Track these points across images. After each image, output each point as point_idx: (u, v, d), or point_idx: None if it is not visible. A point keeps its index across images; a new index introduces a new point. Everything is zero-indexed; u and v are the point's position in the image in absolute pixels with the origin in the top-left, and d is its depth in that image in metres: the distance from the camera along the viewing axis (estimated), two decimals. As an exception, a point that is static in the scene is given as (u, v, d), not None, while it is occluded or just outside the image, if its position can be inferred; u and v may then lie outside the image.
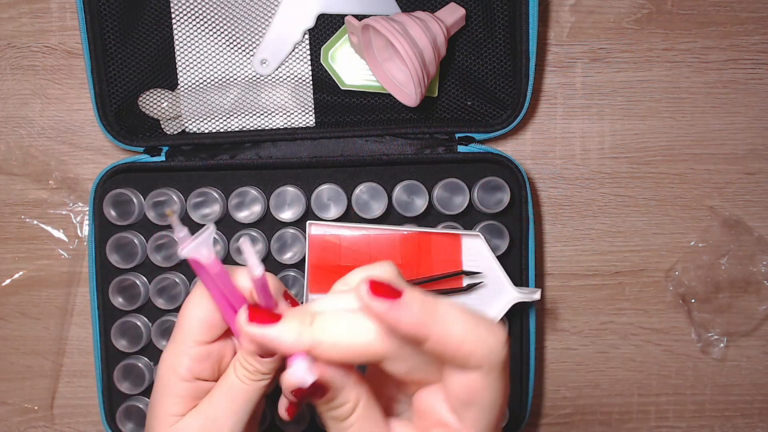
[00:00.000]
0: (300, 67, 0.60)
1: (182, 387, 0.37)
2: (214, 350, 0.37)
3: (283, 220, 0.59)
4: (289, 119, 0.60)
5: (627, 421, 0.66)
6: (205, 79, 0.60)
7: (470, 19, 0.59)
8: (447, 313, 0.30)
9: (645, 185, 0.64)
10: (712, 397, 0.66)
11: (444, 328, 0.30)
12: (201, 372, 0.37)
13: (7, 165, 0.63)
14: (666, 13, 0.63)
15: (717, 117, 0.64)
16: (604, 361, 0.66)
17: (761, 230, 0.65)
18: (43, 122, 0.64)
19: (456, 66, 0.60)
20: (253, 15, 0.59)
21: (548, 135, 0.64)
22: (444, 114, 0.61)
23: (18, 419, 0.66)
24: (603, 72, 0.64)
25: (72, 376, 0.65)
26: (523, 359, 0.60)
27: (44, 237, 0.64)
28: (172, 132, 0.61)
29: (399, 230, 0.56)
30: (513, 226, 0.59)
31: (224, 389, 0.37)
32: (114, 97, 0.59)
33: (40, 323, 0.65)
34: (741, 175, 0.65)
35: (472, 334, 0.30)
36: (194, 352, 0.37)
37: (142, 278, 0.60)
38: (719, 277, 0.64)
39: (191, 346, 0.37)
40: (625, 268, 0.65)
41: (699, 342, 0.66)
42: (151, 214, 0.58)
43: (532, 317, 0.60)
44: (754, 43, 0.64)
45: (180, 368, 0.37)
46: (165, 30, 0.59)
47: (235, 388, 0.36)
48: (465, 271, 0.56)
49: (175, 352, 0.37)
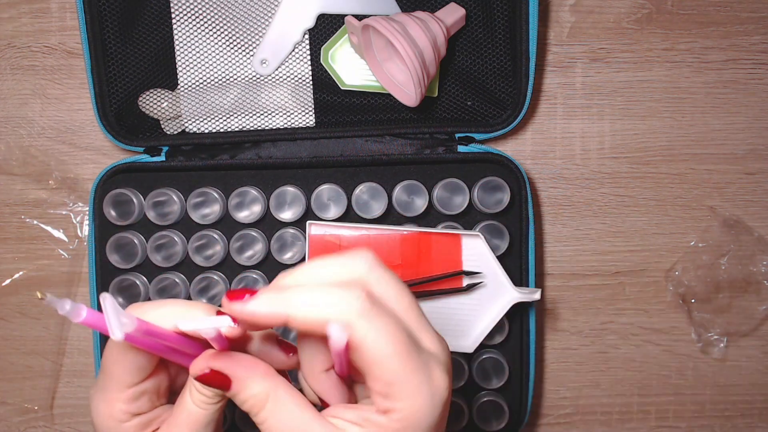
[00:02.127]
0: (300, 67, 0.60)
1: (125, 427, 0.35)
2: (148, 386, 0.36)
3: (283, 220, 0.59)
4: (289, 119, 0.60)
5: (627, 421, 0.66)
6: (205, 79, 0.60)
7: (470, 19, 0.59)
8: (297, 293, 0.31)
9: (645, 185, 0.65)
10: (712, 397, 0.66)
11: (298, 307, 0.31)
12: (139, 408, 0.36)
13: (7, 165, 0.63)
14: (666, 13, 0.63)
15: (717, 117, 0.64)
16: (604, 361, 0.66)
17: (761, 230, 0.65)
18: (43, 122, 0.64)
19: (456, 66, 0.60)
20: (253, 15, 0.59)
21: (548, 135, 0.64)
22: (444, 114, 0.61)
23: (18, 419, 0.66)
24: (603, 72, 0.64)
25: (72, 376, 0.65)
26: (523, 359, 0.60)
27: (44, 237, 0.64)
28: (172, 132, 0.61)
29: (399, 230, 0.56)
30: (513, 226, 0.59)
31: (183, 417, 0.35)
32: (114, 97, 0.59)
33: (40, 323, 0.65)
34: (741, 175, 0.65)
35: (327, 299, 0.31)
36: (126, 396, 0.35)
37: (142, 278, 0.59)
38: (719, 277, 0.64)
39: (122, 391, 0.35)
40: (625, 268, 0.65)
41: (699, 342, 0.66)
42: (151, 214, 0.58)
43: (532, 317, 0.60)
44: (754, 43, 0.64)
45: (116, 413, 0.35)
46: (165, 30, 0.59)
47: (193, 414, 0.35)
48: (465, 271, 0.56)
49: (107, 399, 0.35)
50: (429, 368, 0.31)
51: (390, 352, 0.30)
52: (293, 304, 0.31)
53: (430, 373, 0.31)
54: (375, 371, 0.30)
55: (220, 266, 0.60)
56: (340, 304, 0.30)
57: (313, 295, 0.31)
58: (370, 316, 0.30)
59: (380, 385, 0.31)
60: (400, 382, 0.30)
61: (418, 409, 0.31)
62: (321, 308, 0.30)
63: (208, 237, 0.59)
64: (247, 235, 0.59)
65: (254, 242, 0.59)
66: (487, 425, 0.59)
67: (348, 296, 0.30)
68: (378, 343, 0.30)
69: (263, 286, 0.36)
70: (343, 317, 0.30)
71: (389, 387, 0.30)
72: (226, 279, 0.60)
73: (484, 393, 0.60)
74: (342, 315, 0.30)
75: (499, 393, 0.60)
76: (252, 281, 0.59)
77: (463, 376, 0.59)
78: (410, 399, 0.31)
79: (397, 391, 0.30)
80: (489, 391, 0.60)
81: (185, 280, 0.60)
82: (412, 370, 0.31)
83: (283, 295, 0.31)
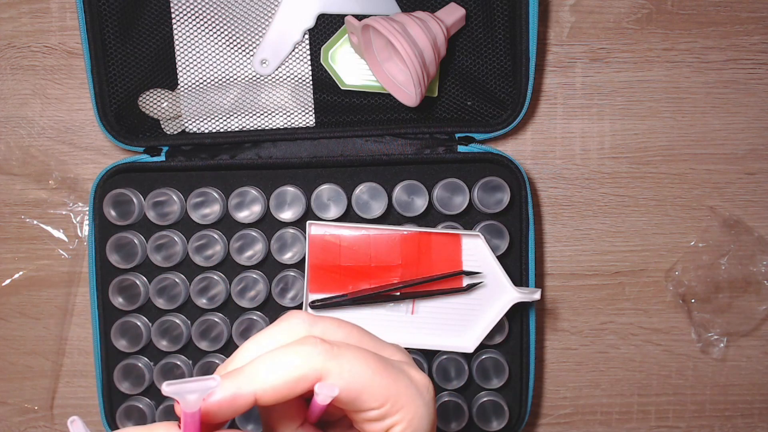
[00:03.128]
0: (300, 67, 0.60)
1: None
2: None
3: (283, 220, 0.59)
4: (289, 119, 0.60)
5: (627, 421, 0.66)
6: (205, 79, 0.60)
7: (470, 19, 0.59)
8: (256, 365, 0.30)
9: (645, 185, 0.64)
10: (712, 397, 0.66)
11: (264, 377, 0.30)
12: None
13: (7, 165, 0.63)
14: (666, 13, 0.63)
15: (717, 117, 0.64)
16: (604, 361, 0.66)
17: (761, 230, 0.65)
18: (43, 122, 0.64)
19: (456, 66, 0.60)
20: (253, 15, 0.59)
21: (548, 135, 0.64)
22: (444, 114, 0.61)
23: (18, 419, 0.66)
24: (603, 72, 0.64)
25: (72, 376, 0.65)
26: (523, 359, 0.60)
27: (44, 237, 0.64)
28: (172, 132, 0.61)
29: (399, 230, 0.56)
30: (513, 226, 0.59)
31: None
32: (114, 97, 0.59)
33: (40, 323, 0.65)
34: (741, 175, 0.65)
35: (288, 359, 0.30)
36: None
37: (142, 278, 0.59)
38: (719, 277, 0.64)
39: None
40: (625, 268, 0.65)
41: (699, 342, 0.66)
42: (151, 214, 0.58)
43: (532, 317, 0.60)
44: (754, 43, 0.64)
45: None
46: (165, 30, 0.59)
47: None
48: (465, 271, 0.56)
49: None
50: (406, 372, 0.32)
51: (371, 374, 0.31)
52: (258, 376, 0.30)
53: (410, 375, 0.32)
54: (365, 398, 0.31)
55: (220, 266, 0.60)
56: (303, 357, 0.30)
57: (274, 360, 0.30)
58: (337, 355, 0.30)
59: (374, 411, 0.31)
60: (391, 396, 0.31)
61: (416, 412, 0.31)
62: (288, 369, 0.30)
63: (208, 237, 0.59)
64: (247, 235, 0.59)
65: (254, 242, 0.59)
66: (487, 425, 0.59)
67: (307, 348, 0.30)
68: (356, 373, 0.30)
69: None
70: (313, 366, 0.30)
71: (383, 405, 0.31)
72: (226, 279, 0.60)
73: (484, 393, 0.60)
74: (311, 365, 0.30)
75: (499, 393, 0.60)
76: (252, 281, 0.59)
77: (463, 376, 0.59)
78: (406, 406, 0.31)
79: (392, 404, 0.31)
80: (489, 391, 0.60)
81: (185, 280, 0.60)
82: (395, 380, 0.31)
83: (244, 373, 0.30)
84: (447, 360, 0.59)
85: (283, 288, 0.60)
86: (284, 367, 0.30)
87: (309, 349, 0.30)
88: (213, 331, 0.60)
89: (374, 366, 0.31)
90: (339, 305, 0.56)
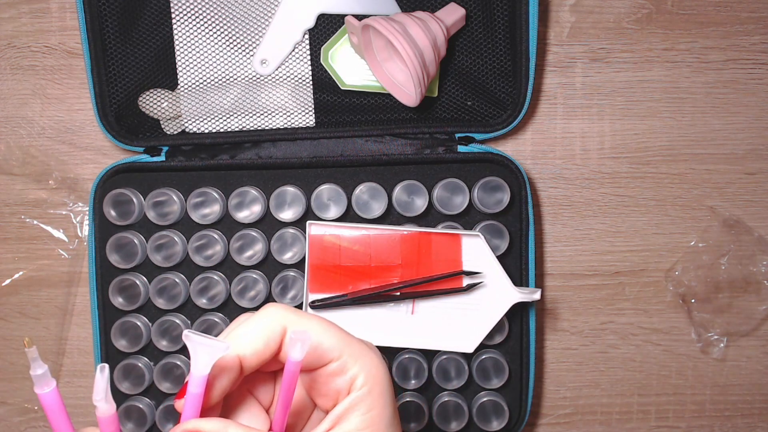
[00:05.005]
0: (300, 67, 0.60)
1: None
2: None
3: (283, 220, 0.59)
4: (289, 119, 0.60)
5: (627, 421, 0.66)
6: (205, 79, 0.60)
7: (470, 19, 0.59)
8: (232, 332, 0.35)
9: (645, 185, 0.65)
10: (712, 397, 0.66)
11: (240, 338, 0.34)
12: None
13: (7, 165, 0.64)
14: (666, 13, 0.63)
15: (717, 117, 0.64)
16: (604, 361, 0.66)
17: (761, 230, 0.65)
18: (43, 122, 0.64)
19: (456, 66, 0.60)
20: (253, 15, 0.59)
21: (548, 135, 0.64)
22: (444, 114, 0.61)
23: (18, 419, 0.66)
24: (603, 72, 0.64)
25: (72, 376, 0.66)
26: (523, 359, 0.60)
27: (44, 237, 0.64)
28: (172, 132, 0.61)
29: (399, 230, 0.56)
30: (513, 226, 0.59)
31: None
32: (114, 97, 0.59)
33: (40, 323, 0.65)
34: (741, 175, 0.65)
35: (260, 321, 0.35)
36: None
37: (142, 278, 0.59)
38: (719, 277, 0.64)
39: None
40: (625, 268, 0.65)
41: (699, 342, 0.66)
42: (151, 214, 0.58)
43: (532, 317, 0.60)
44: (754, 43, 0.64)
45: None
46: (165, 30, 0.59)
47: None
48: (465, 271, 0.56)
49: None
50: (366, 343, 0.36)
51: (333, 331, 0.35)
52: (237, 340, 0.34)
53: (369, 344, 0.36)
54: (324, 349, 0.34)
55: (220, 266, 0.60)
56: (270, 315, 0.35)
57: (247, 325, 0.34)
58: (296, 312, 0.35)
59: (334, 363, 0.34)
60: (346, 346, 0.35)
61: (372, 362, 0.35)
62: (259, 326, 0.34)
63: (208, 237, 0.59)
64: (247, 235, 0.59)
65: (254, 242, 0.59)
66: (487, 425, 0.59)
67: (270, 309, 0.35)
68: (320, 329, 0.34)
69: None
70: (279, 321, 0.34)
71: (341, 356, 0.34)
72: (226, 279, 0.60)
73: (484, 393, 0.60)
74: (277, 320, 0.34)
75: (499, 393, 0.60)
76: (252, 281, 0.59)
77: (463, 376, 0.59)
78: (362, 357, 0.35)
79: (349, 354, 0.34)
80: (489, 391, 0.60)
81: (185, 280, 0.60)
82: (348, 336, 0.35)
83: (225, 339, 0.34)
84: (447, 360, 0.59)
85: (283, 288, 0.60)
86: (256, 327, 0.34)
87: (273, 309, 0.35)
88: (213, 331, 0.60)
89: (327, 324, 0.35)
90: (339, 305, 0.56)
